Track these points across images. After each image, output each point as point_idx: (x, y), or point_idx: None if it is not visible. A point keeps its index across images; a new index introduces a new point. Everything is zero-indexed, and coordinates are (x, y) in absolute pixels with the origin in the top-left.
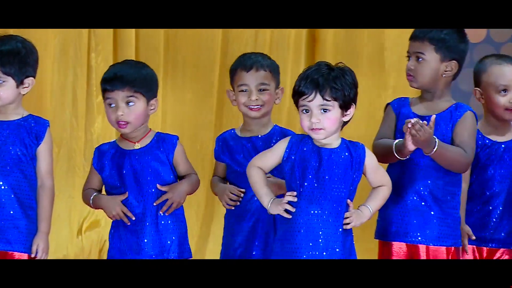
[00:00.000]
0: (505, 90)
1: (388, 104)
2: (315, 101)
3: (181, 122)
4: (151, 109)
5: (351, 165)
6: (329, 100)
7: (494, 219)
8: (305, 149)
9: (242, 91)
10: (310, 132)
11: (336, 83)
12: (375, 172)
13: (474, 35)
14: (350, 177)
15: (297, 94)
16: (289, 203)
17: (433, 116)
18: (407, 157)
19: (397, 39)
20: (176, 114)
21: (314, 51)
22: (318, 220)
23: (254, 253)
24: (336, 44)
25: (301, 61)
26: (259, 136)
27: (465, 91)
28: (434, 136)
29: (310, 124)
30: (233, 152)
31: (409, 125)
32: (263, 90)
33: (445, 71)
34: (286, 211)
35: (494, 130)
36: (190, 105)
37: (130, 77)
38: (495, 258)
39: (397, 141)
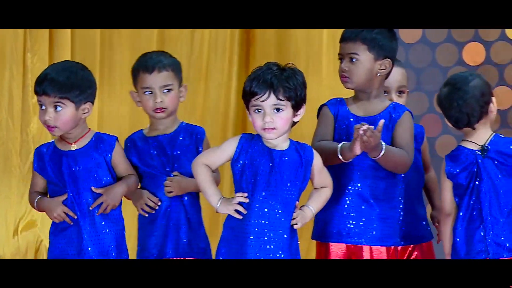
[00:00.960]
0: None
1: (323, 105)
2: (269, 100)
3: (118, 122)
4: (84, 113)
5: (301, 167)
6: (283, 100)
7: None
8: (256, 149)
9: (146, 93)
10: (263, 132)
11: (289, 82)
12: (320, 173)
13: (410, 35)
14: (301, 179)
15: (249, 94)
16: (240, 203)
17: (382, 121)
18: (350, 160)
19: (332, 39)
20: (113, 114)
21: (249, 51)
22: (269, 221)
23: (168, 253)
24: (271, 44)
25: (236, 61)
26: (165, 134)
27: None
28: (381, 140)
29: (263, 123)
30: (141, 153)
31: (361, 132)
32: (167, 90)
33: (380, 69)
34: (237, 211)
35: None
36: (127, 105)
37: (59, 82)
38: (407, 256)
39: (341, 144)
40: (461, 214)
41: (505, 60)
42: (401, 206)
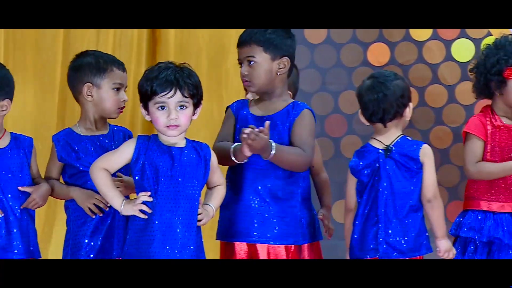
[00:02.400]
0: None
1: (228, 106)
2: (175, 97)
3: (23, 122)
4: (2, 110)
5: (200, 163)
6: (187, 97)
7: None
8: (154, 148)
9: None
10: (166, 130)
11: (191, 80)
12: (215, 172)
13: (315, 36)
14: (202, 175)
15: (152, 93)
16: (144, 203)
17: (267, 122)
18: (245, 161)
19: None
20: (17, 114)
21: (156, 51)
22: (174, 220)
23: (114, 253)
24: (177, 44)
25: (143, 61)
26: (103, 134)
27: (306, 92)
28: (271, 141)
29: (167, 121)
30: (80, 152)
31: (244, 135)
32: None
33: (279, 69)
34: (142, 211)
35: None
36: (32, 105)
37: None
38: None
39: (234, 145)
40: (360, 211)
41: (410, 60)
42: (304, 204)
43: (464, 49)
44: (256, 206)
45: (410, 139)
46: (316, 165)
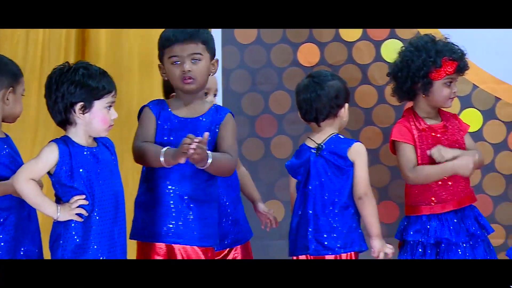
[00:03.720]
0: None
1: (144, 106)
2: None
3: None
4: None
5: (115, 159)
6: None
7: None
8: (77, 151)
9: None
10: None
11: None
12: None
13: (245, 36)
14: (118, 170)
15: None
16: (81, 206)
17: (206, 133)
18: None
19: None
20: None
21: (84, 51)
22: (111, 220)
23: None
24: (108, 44)
25: (72, 61)
26: None
27: (236, 92)
28: (208, 151)
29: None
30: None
31: (191, 151)
32: None
33: (212, 70)
34: (79, 215)
35: None
36: None
37: None
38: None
39: (165, 149)
40: (295, 210)
41: (339, 61)
42: (224, 206)
43: (393, 50)
44: (177, 207)
45: (342, 137)
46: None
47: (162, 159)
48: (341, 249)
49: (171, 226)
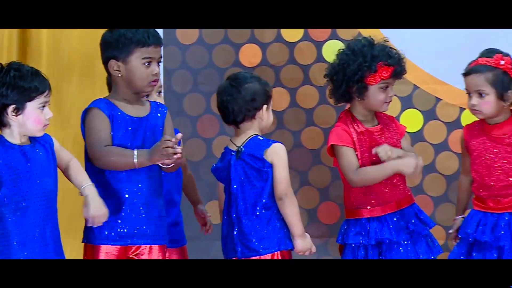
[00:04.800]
0: None
1: (91, 107)
2: None
3: None
4: None
5: (49, 156)
6: None
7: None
8: (9, 153)
9: None
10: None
11: None
12: (62, 150)
13: (186, 36)
14: (52, 167)
15: None
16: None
17: (179, 135)
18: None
19: None
20: None
21: (26, 51)
22: (42, 219)
23: None
24: (49, 44)
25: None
26: None
27: (178, 92)
28: None
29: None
30: None
31: (178, 155)
32: None
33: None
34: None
35: None
36: None
37: None
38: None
39: (137, 151)
40: (224, 212)
41: (281, 61)
42: (168, 205)
43: (335, 50)
44: (131, 208)
45: (261, 139)
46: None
47: (135, 161)
48: (266, 250)
49: (125, 228)
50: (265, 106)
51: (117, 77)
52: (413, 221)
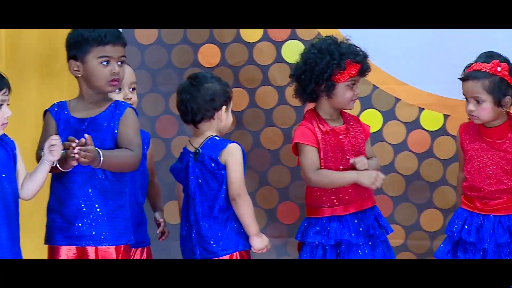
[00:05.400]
0: None
1: (46, 110)
2: None
3: None
4: None
5: (10, 158)
6: None
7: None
8: None
9: None
10: None
11: None
12: (21, 160)
13: (145, 36)
14: (13, 169)
15: None
16: None
17: (87, 136)
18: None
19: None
20: None
21: None
22: (8, 218)
23: None
24: (8, 44)
25: None
26: None
27: (137, 92)
28: (97, 149)
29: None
30: None
31: (76, 156)
32: None
33: None
34: None
35: None
36: None
37: None
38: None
39: (62, 153)
40: (182, 213)
41: (240, 61)
42: (133, 206)
43: (294, 51)
44: (83, 209)
45: (218, 139)
46: (150, 170)
47: (58, 164)
48: (224, 251)
49: (78, 228)
50: (224, 107)
51: (78, 77)
52: (373, 227)
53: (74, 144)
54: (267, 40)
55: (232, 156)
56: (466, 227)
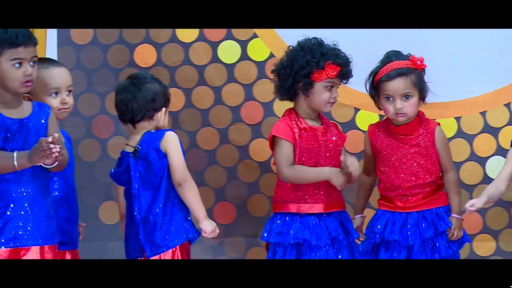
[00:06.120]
0: None
1: None
2: None
3: None
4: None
5: None
6: None
7: None
8: None
9: None
10: None
11: None
12: None
13: (81, 36)
14: None
15: None
16: None
17: (56, 134)
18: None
19: None
20: None
21: None
22: None
23: None
24: None
25: None
26: None
27: (73, 93)
28: None
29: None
30: None
31: (56, 154)
32: None
33: None
34: None
35: None
36: None
37: None
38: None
39: (16, 153)
40: (126, 214)
41: (176, 62)
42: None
43: (230, 51)
44: (20, 209)
45: (153, 131)
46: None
47: (16, 163)
48: (175, 241)
49: (18, 229)
50: (164, 109)
51: None
52: (337, 228)
53: (49, 142)
54: (203, 40)
55: (171, 143)
56: (388, 227)
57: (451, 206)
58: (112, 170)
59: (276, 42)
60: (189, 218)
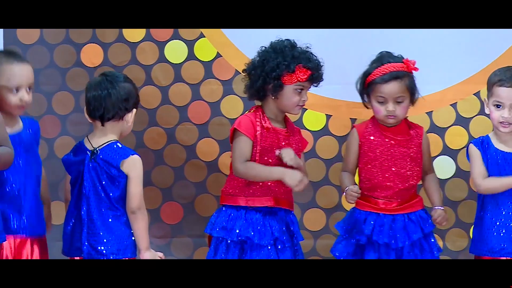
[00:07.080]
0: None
1: None
2: None
3: None
4: None
5: None
6: None
7: None
8: None
9: None
10: None
11: None
12: None
13: (27, 36)
14: None
15: None
16: None
17: None
18: None
19: None
20: None
21: None
22: None
23: None
24: None
25: None
26: None
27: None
28: None
29: None
30: None
31: None
32: None
33: None
34: None
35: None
36: None
37: None
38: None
39: None
40: (69, 208)
41: (123, 61)
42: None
43: (177, 51)
44: None
45: (120, 146)
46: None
47: None
48: (113, 255)
49: None
50: (134, 110)
51: None
52: (281, 229)
53: None
54: (150, 40)
55: (135, 169)
56: (376, 228)
57: (435, 200)
58: (66, 156)
59: (223, 41)
60: (133, 238)
